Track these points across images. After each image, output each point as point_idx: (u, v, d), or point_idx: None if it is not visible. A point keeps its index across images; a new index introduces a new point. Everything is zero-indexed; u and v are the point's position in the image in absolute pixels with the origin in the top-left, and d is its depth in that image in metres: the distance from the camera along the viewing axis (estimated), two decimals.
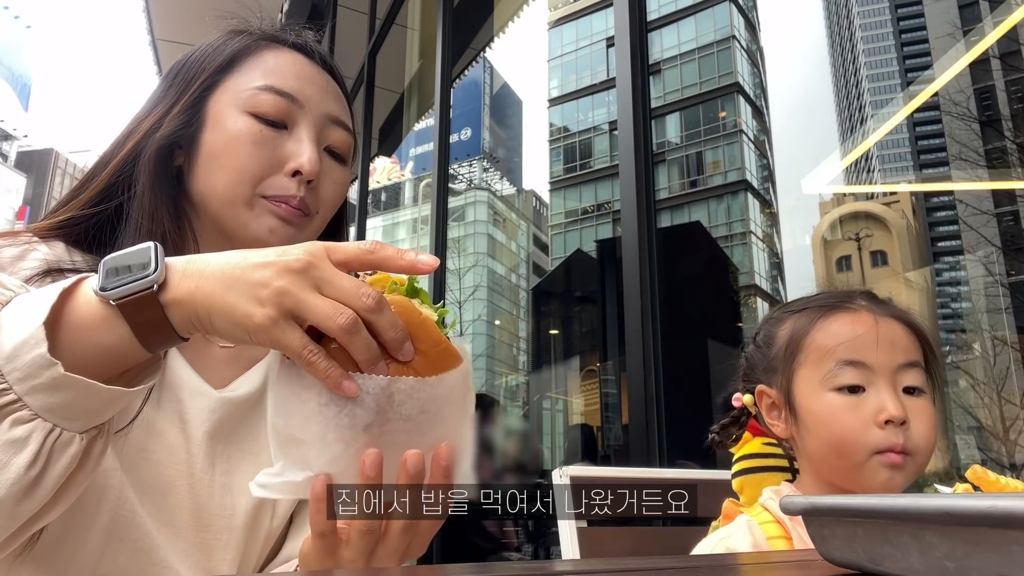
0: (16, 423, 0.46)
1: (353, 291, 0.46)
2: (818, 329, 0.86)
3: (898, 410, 0.79)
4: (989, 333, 4.02)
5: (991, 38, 3.82)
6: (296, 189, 0.73)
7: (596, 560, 0.97)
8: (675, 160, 11.28)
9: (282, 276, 0.46)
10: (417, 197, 30.12)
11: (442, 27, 4.38)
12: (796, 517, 0.84)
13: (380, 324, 0.47)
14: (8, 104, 66.00)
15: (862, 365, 0.82)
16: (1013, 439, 3.70)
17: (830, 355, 0.84)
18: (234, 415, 0.73)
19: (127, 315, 0.47)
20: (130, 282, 0.47)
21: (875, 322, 0.84)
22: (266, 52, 0.77)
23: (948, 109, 4.34)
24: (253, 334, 0.47)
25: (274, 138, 0.73)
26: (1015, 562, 0.28)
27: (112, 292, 0.47)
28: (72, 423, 0.48)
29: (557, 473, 1.12)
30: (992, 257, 4.12)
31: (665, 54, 11.54)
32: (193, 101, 0.74)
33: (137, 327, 0.48)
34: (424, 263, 0.49)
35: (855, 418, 0.81)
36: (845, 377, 0.82)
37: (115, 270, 0.48)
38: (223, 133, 0.72)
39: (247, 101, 0.73)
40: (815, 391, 0.84)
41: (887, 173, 6.80)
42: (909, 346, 0.84)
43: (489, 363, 20.13)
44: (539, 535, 4.05)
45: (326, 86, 0.78)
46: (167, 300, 0.48)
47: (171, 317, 0.48)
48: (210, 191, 0.73)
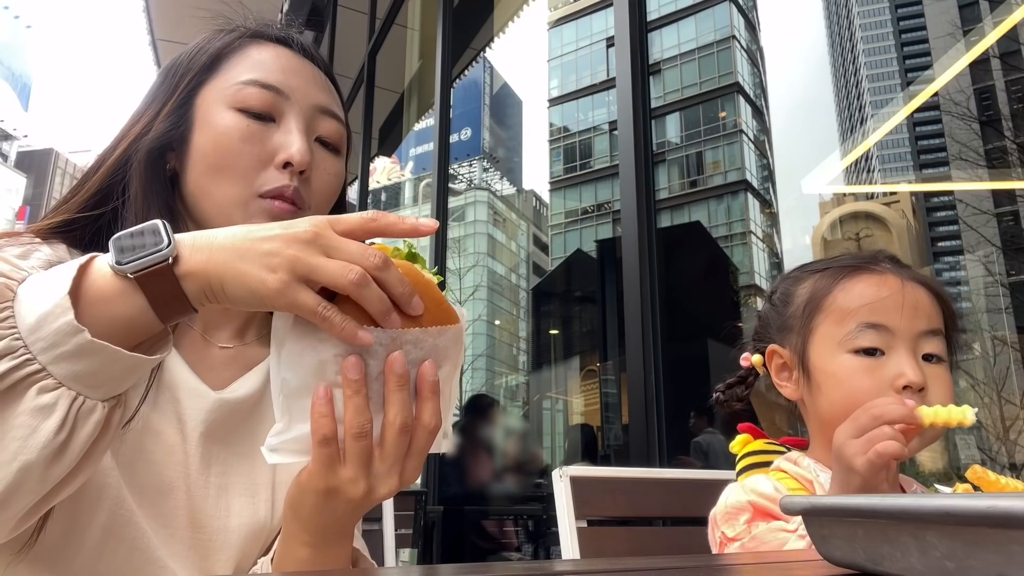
0: (42, 391, 0.48)
1: (360, 253, 0.49)
2: (841, 289, 0.85)
3: (917, 376, 0.78)
4: (989, 333, 4.02)
5: (991, 38, 3.82)
6: (289, 179, 0.72)
7: (596, 560, 0.97)
8: (675, 160, 11.28)
9: (291, 245, 0.49)
10: (417, 197, 30.13)
11: (442, 27, 4.38)
12: (813, 474, 0.84)
13: (389, 280, 0.50)
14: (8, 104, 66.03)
15: (884, 328, 0.81)
16: (1013, 439, 3.70)
17: (852, 316, 0.82)
18: (231, 416, 0.73)
19: (144, 287, 0.50)
20: (146, 255, 0.50)
21: (902, 285, 0.82)
22: (250, 48, 0.77)
23: (948, 109, 4.34)
24: (267, 299, 0.49)
25: (262, 132, 0.72)
26: (1015, 562, 0.28)
27: (129, 266, 0.50)
28: (95, 391, 0.51)
29: (557, 473, 1.12)
30: (992, 257, 4.12)
31: (665, 54, 11.54)
32: (181, 102, 0.74)
33: (154, 299, 0.50)
34: (425, 225, 0.53)
35: (872, 381, 0.80)
36: (865, 339, 0.81)
37: (128, 247, 0.50)
38: (211, 132, 0.72)
39: (232, 97, 0.73)
40: (832, 352, 0.83)
41: (887, 173, 6.80)
42: (932, 313, 0.83)
43: (489, 363, 20.13)
44: (539, 535, 4.06)
45: (312, 77, 0.78)
46: (181, 272, 0.50)
47: (186, 288, 0.51)
48: (202, 192, 0.73)
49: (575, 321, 11.47)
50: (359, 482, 0.53)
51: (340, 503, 0.54)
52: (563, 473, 1.11)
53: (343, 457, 0.52)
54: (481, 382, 17.90)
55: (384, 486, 0.54)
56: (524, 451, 4.60)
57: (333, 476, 0.53)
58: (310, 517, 0.55)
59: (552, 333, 12.63)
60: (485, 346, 20.67)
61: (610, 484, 1.16)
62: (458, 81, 5.88)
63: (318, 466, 0.53)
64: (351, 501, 0.53)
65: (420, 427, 0.53)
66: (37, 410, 0.48)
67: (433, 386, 0.53)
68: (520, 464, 4.39)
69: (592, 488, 1.13)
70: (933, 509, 0.31)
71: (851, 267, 0.87)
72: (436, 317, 0.53)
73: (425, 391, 0.53)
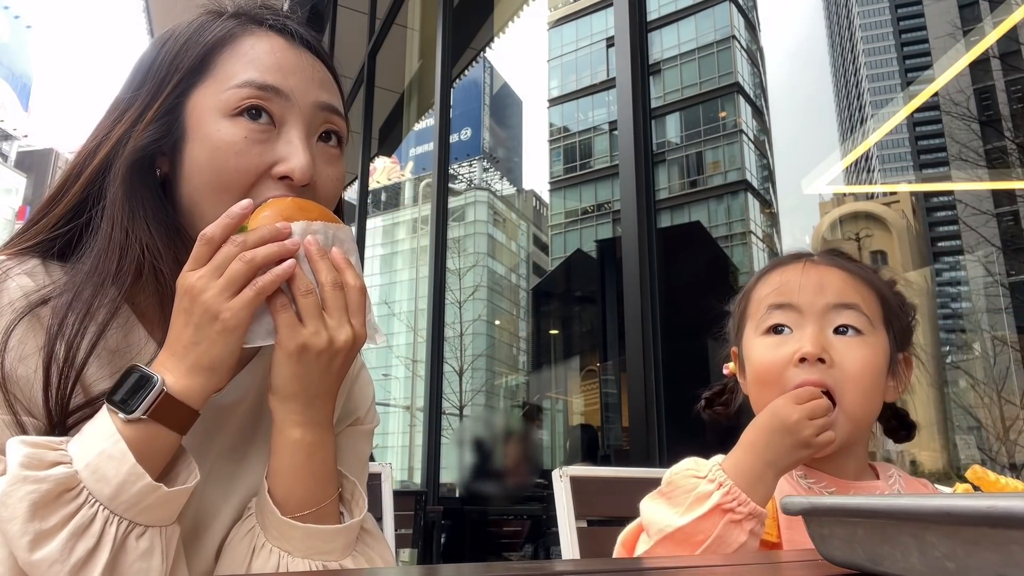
0: (139, 537, 0.58)
1: (236, 268, 0.61)
2: (759, 283, 0.91)
3: (814, 347, 0.81)
4: (989, 333, 4.02)
5: (991, 38, 3.82)
6: (286, 192, 0.69)
7: (596, 560, 0.97)
8: (675, 160, 11.28)
9: (208, 313, 0.60)
10: (417, 197, 30.12)
11: (442, 27, 4.38)
12: None
13: (263, 253, 0.62)
14: (8, 104, 65.95)
15: (789, 307, 0.85)
16: (1013, 439, 3.69)
17: (763, 302, 0.88)
18: (216, 419, 0.72)
19: (161, 419, 0.60)
20: (145, 396, 0.59)
21: (802, 267, 0.88)
22: (243, 40, 0.71)
23: (948, 109, 4.34)
24: (237, 331, 0.61)
25: (261, 140, 0.68)
26: (1015, 562, 0.28)
27: (138, 411, 0.59)
28: (171, 518, 0.61)
29: (557, 473, 1.12)
30: (992, 257, 4.11)
31: (665, 54, 11.54)
32: (169, 107, 0.69)
33: (173, 423, 0.60)
34: (235, 209, 0.64)
35: (775, 355, 0.84)
36: (772, 319, 0.86)
37: (123, 400, 0.59)
38: (207, 145, 0.68)
39: (227, 103, 0.68)
40: (751, 339, 0.89)
41: (887, 173, 6.80)
42: (843, 288, 0.85)
43: (489, 363, 20.10)
44: (539, 535, 4.05)
45: (312, 72, 0.72)
46: (179, 393, 0.60)
47: (189, 402, 0.61)
48: (197, 208, 0.69)
49: (575, 321, 11.47)
50: (320, 332, 0.63)
51: (311, 359, 0.63)
52: (563, 473, 1.11)
53: (300, 317, 0.63)
54: (481, 382, 17.88)
55: (341, 334, 0.63)
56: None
57: (297, 334, 0.62)
58: (289, 385, 0.64)
59: (552, 333, 12.63)
60: (485, 346, 20.65)
61: (610, 484, 1.17)
62: (458, 81, 5.87)
63: (284, 328, 0.63)
64: (320, 353, 0.63)
65: (348, 287, 0.65)
66: (142, 554, 0.58)
67: (345, 259, 0.66)
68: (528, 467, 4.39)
69: (592, 488, 1.13)
70: (933, 509, 0.31)
71: (771, 264, 0.93)
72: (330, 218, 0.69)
73: (340, 262, 0.65)
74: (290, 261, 0.63)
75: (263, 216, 0.65)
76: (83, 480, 0.57)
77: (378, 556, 0.71)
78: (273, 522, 0.64)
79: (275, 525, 0.64)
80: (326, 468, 0.66)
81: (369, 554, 0.70)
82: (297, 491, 0.64)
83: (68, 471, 0.57)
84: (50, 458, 0.57)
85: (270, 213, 0.65)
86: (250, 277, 0.61)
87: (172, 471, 0.63)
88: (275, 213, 0.65)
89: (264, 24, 0.73)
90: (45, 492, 0.55)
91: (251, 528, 0.67)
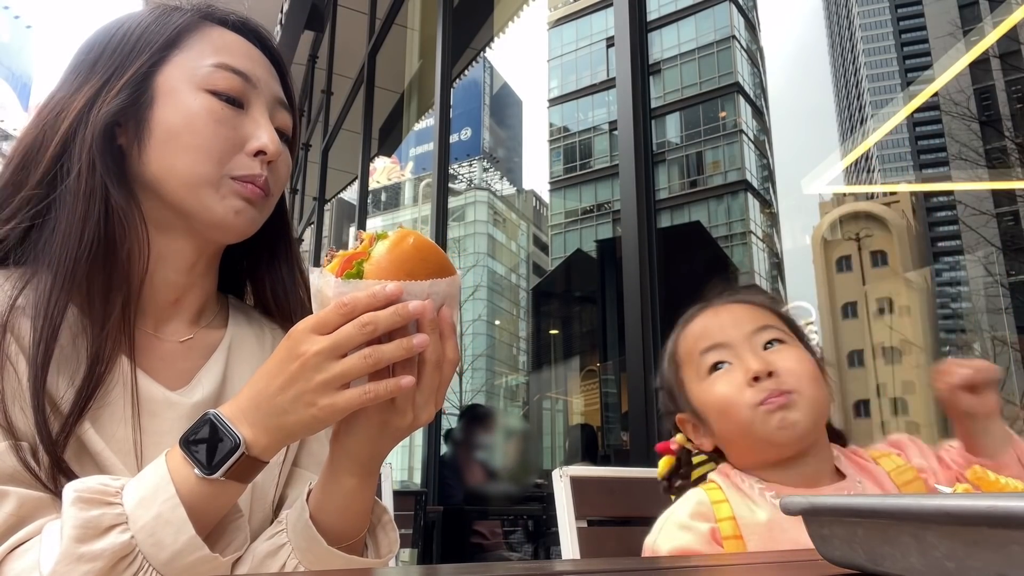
0: None
1: (351, 334, 0.56)
2: (681, 340, 1.00)
3: (760, 364, 0.89)
4: (989, 333, 4.02)
5: (991, 38, 3.82)
6: (260, 168, 0.72)
7: (596, 560, 0.97)
8: (675, 160, 11.29)
9: (309, 378, 0.57)
10: (417, 197, 30.15)
11: (442, 27, 4.39)
12: (736, 482, 0.92)
13: (385, 321, 0.57)
14: (8, 104, 65.99)
15: (719, 345, 0.94)
16: None
17: (694, 351, 0.96)
18: (194, 417, 0.72)
19: (237, 478, 0.59)
20: (226, 456, 0.58)
21: (712, 312, 0.98)
22: (209, 30, 0.75)
23: (948, 109, 4.34)
24: (328, 423, 0.60)
25: (233, 117, 0.72)
26: (1015, 562, 0.28)
27: (218, 474, 0.58)
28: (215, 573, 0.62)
29: (557, 473, 1.12)
30: (992, 257, 4.12)
31: (665, 54, 11.55)
32: (140, 77, 0.71)
33: (243, 478, 0.60)
34: (390, 290, 0.59)
35: (729, 386, 0.91)
36: (709, 360, 0.94)
37: (201, 455, 0.59)
38: (181, 111, 0.70)
39: (204, 79, 0.71)
40: (697, 386, 0.95)
41: (887, 173, 6.80)
42: (755, 316, 0.96)
43: (489, 363, 20.11)
44: (539, 535, 4.05)
45: (269, 68, 0.78)
46: (256, 455, 0.59)
47: (263, 458, 0.60)
48: (169, 171, 0.70)
49: (575, 321, 11.48)
50: (407, 413, 0.61)
51: (389, 432, 0.63)
52: (563, 473, 1.12)
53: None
54: (481, 382, 17.89)
55: (424, 413, 0.62)
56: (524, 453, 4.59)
57: (383, 409, 0.61)
58: (360, 448, 0.63)
59: (552, 333, 12.63)
60: (485, 346, 20.65)
61: (610, 484, 1.17)
62: (458, 81, 5.88)
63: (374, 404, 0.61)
64: (399, 430, 0.62)
65: (447, 362, 0.62)
66: None
67: (453, 327, 0.63)
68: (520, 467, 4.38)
69: (592, 488, 1.13)
70: (933, 509, 0.31)
71: (681, 322, 1.02)
72: (444, 271, 0.63)
73: (447, 331, 0.62)
74: (409, 379, 0.59)
75: (379, 263, 0.59)
76: (139, 544, 0.56)
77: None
78: (318, 552, 0.65)
79: (316, 552, 0.65)
80: (366, 506, 0.68)
81: None
82: (339, 525, 0.66)
83: (124, 539, 0.56)
84: (106, 523, 0.56)
85: (387, 261, 0.59)
86: (366, 372, 0.58)
87: (224, 531, 0.63)
88: (393, 263, 0.59)
89: (228, 23, 0.78)
90: (100, 569, 0.55)
91: (283, 545, 0.68)
